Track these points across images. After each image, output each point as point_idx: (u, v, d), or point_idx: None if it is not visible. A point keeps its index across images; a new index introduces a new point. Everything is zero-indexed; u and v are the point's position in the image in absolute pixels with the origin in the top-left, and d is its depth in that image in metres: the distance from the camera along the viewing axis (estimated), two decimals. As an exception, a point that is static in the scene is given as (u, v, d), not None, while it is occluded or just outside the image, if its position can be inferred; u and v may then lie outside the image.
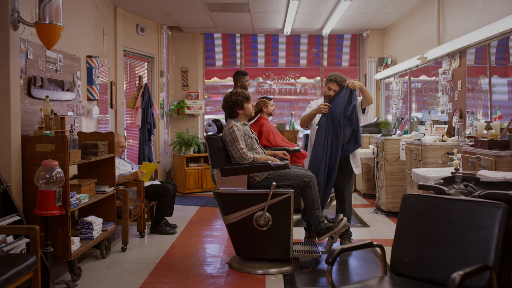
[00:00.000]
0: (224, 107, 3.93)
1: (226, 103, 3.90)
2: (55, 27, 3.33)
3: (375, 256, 4.04)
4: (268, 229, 3.66)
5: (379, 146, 5.87)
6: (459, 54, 5.05)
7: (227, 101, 3.89)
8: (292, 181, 3.72)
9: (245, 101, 3.86)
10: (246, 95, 3.88)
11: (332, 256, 2.03)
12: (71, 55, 4.53)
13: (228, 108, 3.89)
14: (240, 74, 5.45)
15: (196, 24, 7.74)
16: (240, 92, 3.88)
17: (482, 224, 2.05)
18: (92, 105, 5.17)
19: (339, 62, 8.64)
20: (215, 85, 8.84)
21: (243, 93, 3.87)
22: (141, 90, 6.58)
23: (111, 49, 6.19)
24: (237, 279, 3.58)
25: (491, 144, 3.33)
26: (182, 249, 4.41)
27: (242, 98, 3.85)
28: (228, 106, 3.88)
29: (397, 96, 7.19)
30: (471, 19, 4.82)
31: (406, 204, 2.34)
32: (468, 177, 2.71)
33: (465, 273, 1.74)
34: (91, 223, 3.79)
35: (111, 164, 4.16)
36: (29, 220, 3.37)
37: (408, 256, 2.24)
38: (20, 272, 2.54)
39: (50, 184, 3.11)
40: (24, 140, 3.41)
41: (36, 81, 3.77)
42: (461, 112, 4.98)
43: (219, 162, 3.77)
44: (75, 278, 3.45)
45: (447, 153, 4.56)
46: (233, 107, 3.86)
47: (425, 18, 6.12)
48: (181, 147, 7.51)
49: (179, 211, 6.05)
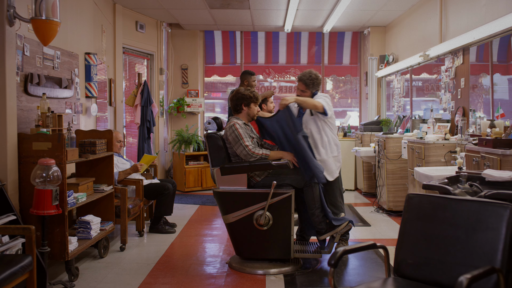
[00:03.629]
0: (232, 98, 3.85)
1: (236, 94, 3.83)
2: (52, 23, 3.27)
3: (377, 256, 3.99)
4: (269, 228, 3.60)
5: (381, 144, 5.82)
6: (462, 51, 4.99)
7: (238, 92, 3.83)
8: (292, 180, 3.66)
9: (254, 101, 3.82)
10: (257, 97, 3.86)
11: (335, 258, 1.98)
12: (69, 52, 4.46)
13: (236, 100, 3.81)
14: (247, 73, 5.39)
15: (196, 21, 7.68)
16: (254, 91, 3.86)
17: (488, 225, 1.99)
18: (91, 102, 5.11)
19: (340, 59, 8.58)
20: (215, 82, 8.78)
21: (256, 93, 3.85)
22: (140, 87, 6.52)
23: (110, 46, 6.12)
24: (237, 279, 3.53)
25: (496, 142, 3.27)
26: (182, 249, 4.35)
27: (253, 96, 3.81)
28: (237, 97, 3.81)
29: (399, 94, 7.13)
30: (474, 16, 4.76)
31: (410, 204, 2.28)
32: (473, 177, 2.65)
33: (472, 276, 1.68)
34: (89, 222, 3.73)
35: (109, 162, 4.10)
36: (26, 219, 3.31)
37: (412, 258, 2.18)
38: (15, 274, 2.49)
39: (46, 183, 3.06)
40: (20, 138, 3.36)
41: (33, 78, 3.71)
42: (464, 110, 4.93)
43: (219, 160, 3.72)
44: (72, 278, 3.40)
45: (450, 152, 4.51)
46: (241, 100, 3.80)
47: (427, 15, 6.05)
48: (180, 145, 7.46)
49: (179, 210, 6.00)
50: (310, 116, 3.96)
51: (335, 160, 3.97)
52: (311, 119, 3.96)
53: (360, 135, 7.25)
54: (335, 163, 3.97)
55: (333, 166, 3.93)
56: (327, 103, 3.88)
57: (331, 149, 3.94)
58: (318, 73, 4.05)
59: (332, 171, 3.93)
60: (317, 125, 3.94)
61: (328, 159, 3.91)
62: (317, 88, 4.04)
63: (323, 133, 3.93)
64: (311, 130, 3.94)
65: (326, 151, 3.92)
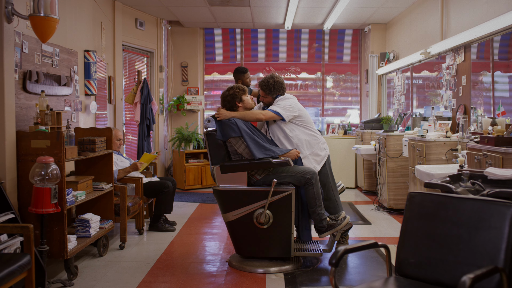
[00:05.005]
0: (223, 103, 3.85)
1: (224, 99, 3.84)
2: (50, 19, 3.24)
3: (378, 255, 3.97)
4: (269, 227, 3.58)
5: (381, 142, 5.80)
6: (464, 48, 4.96)
7: (225, 96, 3.84)
8: (293, 178, 3.63)
9: (242, 93, 3.83)
10: (242, 88, 3.85)
11: (336, 257, 1.95)
12: (68, 49, 4.44)
13: (227, 103, 3.83)
14: (239, 72, 5.37)
15: (196, 18, 7.64)
16: (235, 86, 3.86)
17: (491, 224, 1.97)
18: (90, 100, 5.09)
19: (340, 57, 8.54)
20: (215, 80, 8.75)
21: (238, 86, 3.86)
22: (140, 85, 6.50)
23: (110, 44, 6.09)
24: (237, 278, 3.51)
25: (498, 140, 3.25)
26: (181, 247, 4.34)
27: (239, 90, 3.82)
28: (227, 100, 3.82)
29: (399, 92, 7.10)
30: (476, 13, 4.73)
31: (412, 203, 2.26)
32: (476, 175, 2.63)
33: (475, 276, 1.66)
34: (88, 220, 3.71)
35: (108, 160, 4.08)
36: (24, 218, 3.29)
37: (414, 257, 2.16)
38: (12, 273, 2.47)
39: (45, 181, 3.04)
40: (19, 136, 3.34)
41: (31, 76, 3.68)
42: (466, 108, 4.90)
43: (218, 158, 3.69)
44: (71, 277, 3.38)
45: (451, 150, 4.48)
46: (232, 101, 3.81)
47: (428, 13, 6.02)
48: (180, 143, 7.44)
49: (179, 208, 5.98)
50: (274, 123, 3.94)
51: (313, 155, 3.89)
52: (275, 126, 3.93)
53: (360, 133, 7.22)
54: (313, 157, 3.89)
55: (310, 165, 3.86)
56: (282, 108, 3.83)
57: (304, 147, 3.88)
58: (279, 76, 4.00)
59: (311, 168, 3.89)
60: (283, 129, 3.90)
61: (303, 160, 3.86)
62: (279, 92, 3.97)
63: (291, 135, 3.88)
64: (278, 136, 3.91)
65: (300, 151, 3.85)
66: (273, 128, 3.93)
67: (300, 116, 3.91)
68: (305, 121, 3.95)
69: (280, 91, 3.98)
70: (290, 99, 3.93)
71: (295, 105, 3.91)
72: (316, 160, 3.91)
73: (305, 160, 3.86)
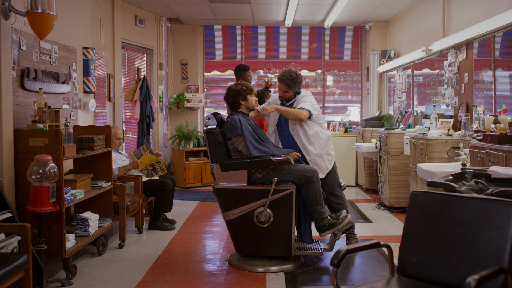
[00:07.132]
0: (226, 97, 3.81)
1: (229, 93, 3.79)
2: (48, 16, 3.20)
3: (379, 254, 3.93)
4: (269, 226, 3.55)
5: (382, 140, 5.76)
6: (466, 46, 4.92)
7: (231, 90, 3.79)
8: (294, 176, 3.60)
9: (249, 93, 3.79)
10: (251, 88, 3.82)
11: (338, 258, 1.92)
12: (66, 46, 4.40)
13: (231, 97, 3.78)
14: (241, 69, 5.34)
15: (195, 15, 7.60)
16: (244, 83, 3.82)
17: (495, 224, 1.93)
18: (89, 98, 5.05)
19: (341, 54, 8.50)
20: (215, 78, 8.71)
21: (247, 85, 3.81)
22: (139, 83, 6.46)
23: (109, 41, 6.05)
24: (237, 277, 3.48)
25: (501, 138, 3.21)
26: (181, 246, 4.31)
27: (246, 88, 3.77)
28: (231, 95, 3.77)
29: (400, 90, 7.06)
30: (478, 10, 4.69)
31: (414, 202, 2.22)
32: (479, 174, 2.59)
33: (480, 277, 1.62)
34: (87, 219, 3.68)
35: (107, 158, 4.05)
36: (22, 216, 3.26)
37: (416, 257, 2.12)
38: (10, 272, 2.44)
39: (43, 179, 3.00)
40: (16, 134, 3.30)
41: (29, 73, 3.65)
42: (468, 105, 4.86)
43: (218, 156, 3.66)
44: (70, 276, 3.35)
45: (453, 148, 4.45)
46: (236, 97, 3.76)
47: (430, 9, 5.97)
48: (180, 141, 7.40)
49: (178, 206, 5.95)
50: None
51: (326, 155, 3.96)
52: (297, 122, 3.93)
53: (361, 130, 7.18)
54: (326, 157, 3.96)
55: (323, 164, 3.93)
56: (311, 106, 3.88)
57: (321, 145, 3.93)
58: (298, 71, 4.00)
59: (323, 168, 3.94)
60: (303, 126, 3.92)
61: (317, 158, 3.91)
62: (299, 87, 4.00)
63: (311, 132, 3.92)
64: (298, 132, 3.92)
65: (316, 148, 3.91)
66: (294, 125, 3.94)
67: (319, 114, 3.99)
68: (320, 118, 4.02)
69: (300, 86, 4.03)
70: (311, 96, 4.00)
71: (315, 101, 3.99)
72: (329, 160, 3.99)
73: (319, 159, 3.91)
